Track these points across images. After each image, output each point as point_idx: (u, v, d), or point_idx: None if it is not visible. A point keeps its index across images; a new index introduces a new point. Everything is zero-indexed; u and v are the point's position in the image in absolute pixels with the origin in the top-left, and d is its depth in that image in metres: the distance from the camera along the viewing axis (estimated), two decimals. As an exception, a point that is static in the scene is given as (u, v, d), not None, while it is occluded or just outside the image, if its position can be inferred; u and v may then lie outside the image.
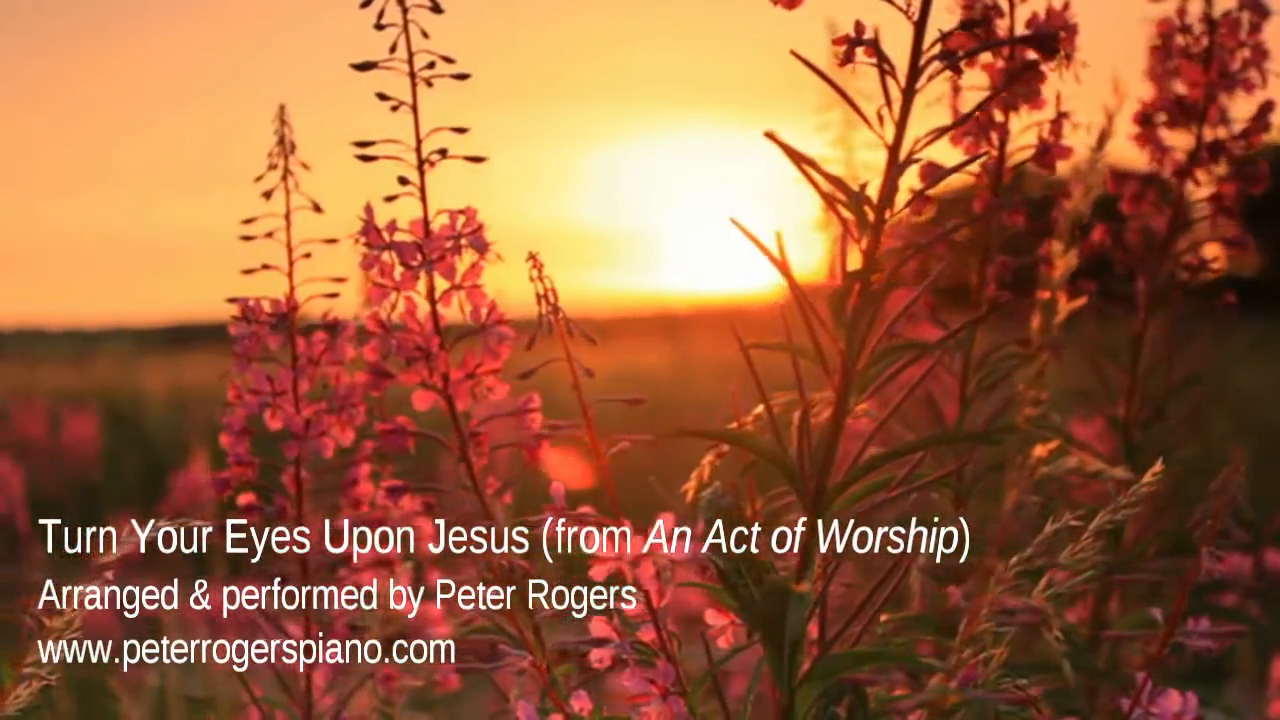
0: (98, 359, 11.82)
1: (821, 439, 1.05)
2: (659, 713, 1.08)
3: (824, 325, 1.03)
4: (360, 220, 1.39)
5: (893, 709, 1.06)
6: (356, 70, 1.40)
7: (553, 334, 1.07)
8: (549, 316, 1.07)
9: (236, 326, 1.48)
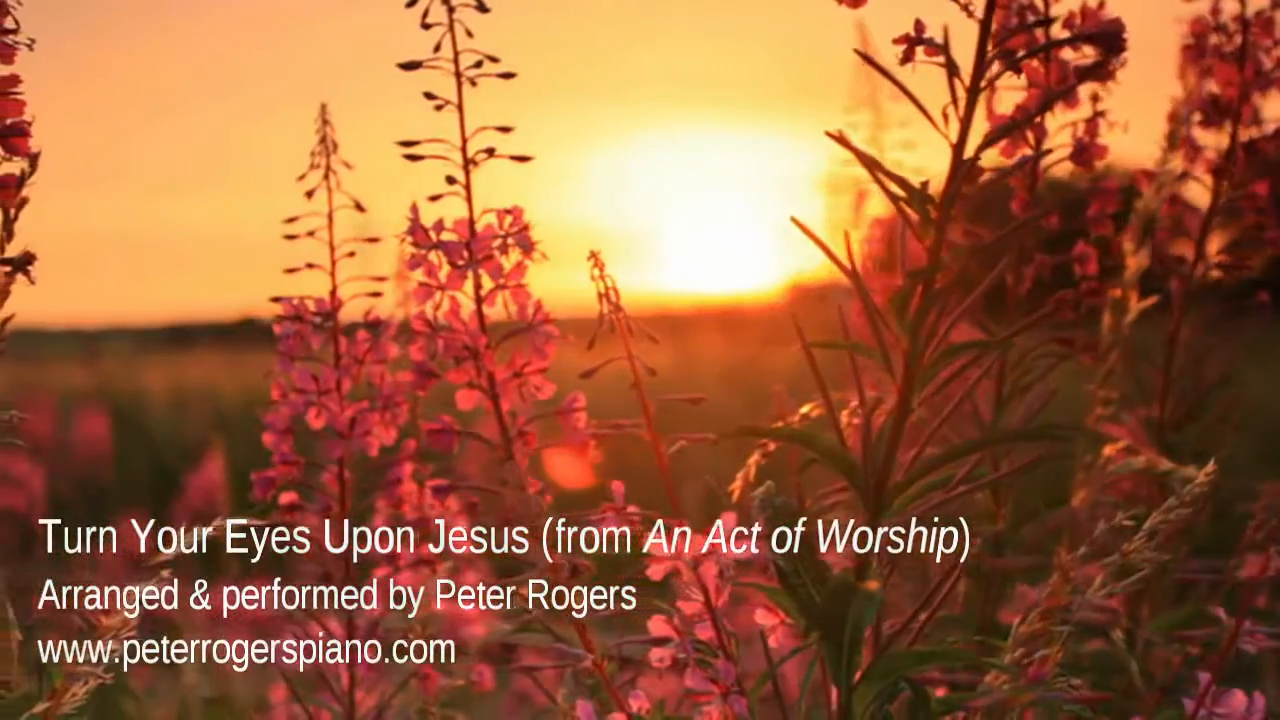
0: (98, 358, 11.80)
1: (882, 438, 1.06)
2: (720, 712, 1.08)
3: (888, 324, 1.03)
4: (406, 220, 1.40)
5: (964, 707, 1.07)
6: (402, 69, 1.40)
7: (615, 332, 1.07)
8: (611, 315, 1.07)
9: (281, 325, 1.48)
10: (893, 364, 1.05)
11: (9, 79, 1.20)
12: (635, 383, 1.08)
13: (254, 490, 1.49)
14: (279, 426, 1.49)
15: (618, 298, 1.07)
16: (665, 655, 1.10)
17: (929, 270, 1.02)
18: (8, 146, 1.20)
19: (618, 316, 1.07)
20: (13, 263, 1.22)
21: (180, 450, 7.79)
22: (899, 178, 1.04)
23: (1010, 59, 1.04)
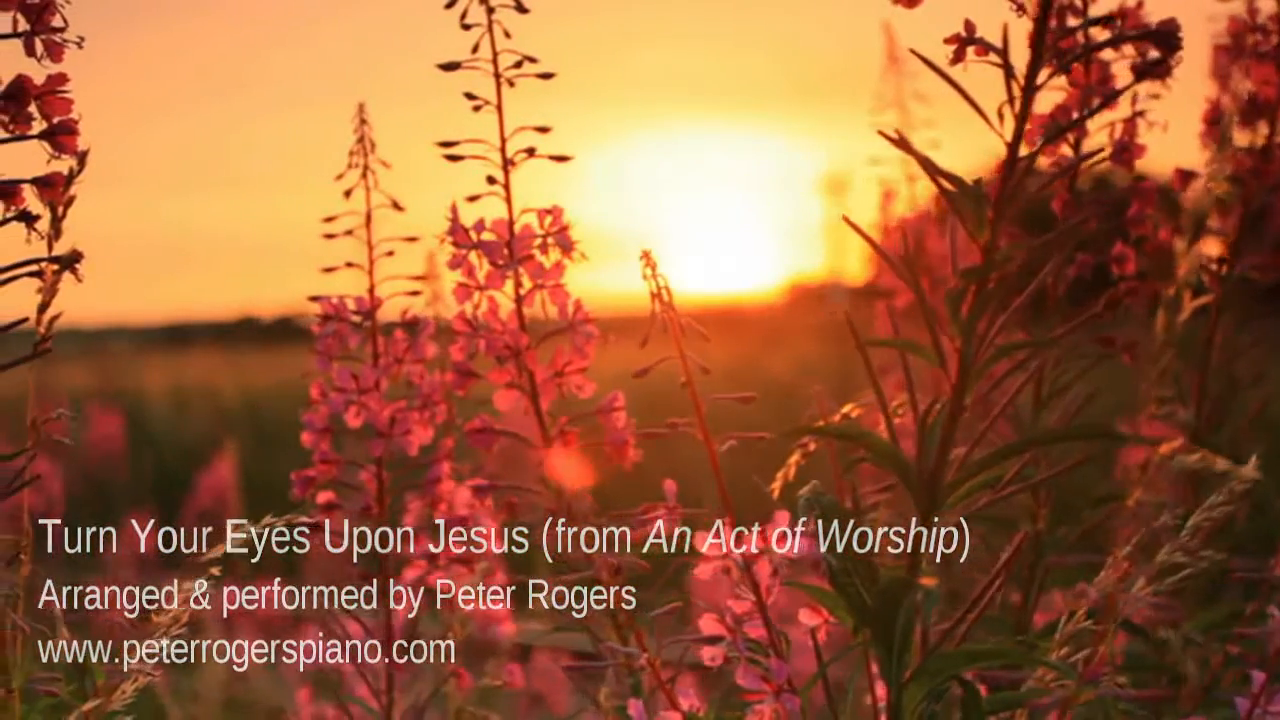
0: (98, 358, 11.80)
1: (935, 437, 1.06)
2: (773, 711, 1.08)
3: (942, 323, 1.03)
4: (446, 220, 1.40)
5: (1020, 706, 1.07)
6: (442, 70, 1.40)
7: (667, 331, 1.07)
8: (663, 314, 1.07)
9: (320, 324, 1.47)
10: (946, 363, 1.05)
11: (57, 77, 1.20)
12: (687, 381, 1.08)
13: (294, 489, 1.49)
14: (318, 425, 1.49)
15: (670, 297, 1.07)
16: (716, 653, 1.10)
17: (983, 270, 1.02)
18: (56, 145, 1.20)
19: (670, 315, 1.07)
20: (60, 261, 1.22)
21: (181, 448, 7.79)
22: (954, 177, 1.04)
23: (1063, 59, 1.04)
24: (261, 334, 19.54)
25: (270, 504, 4.36)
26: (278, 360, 15.12)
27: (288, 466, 4.87)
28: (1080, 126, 1.38)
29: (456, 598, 1.58)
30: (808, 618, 1.21)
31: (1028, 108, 1.01)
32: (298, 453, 5.10)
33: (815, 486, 1.19)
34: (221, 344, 14.85)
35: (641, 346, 1.09)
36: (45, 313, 1.24)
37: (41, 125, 1.20)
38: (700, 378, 1.41)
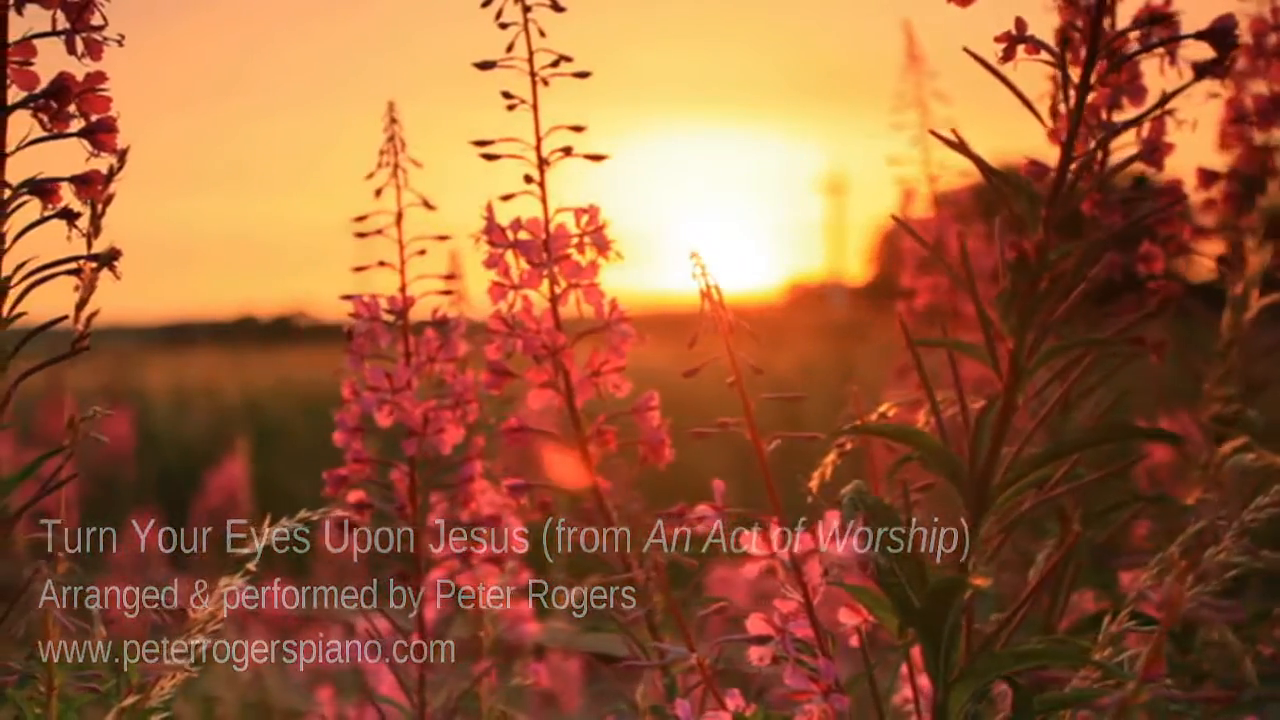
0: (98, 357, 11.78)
1: (985, 437, 1.05)
2: (821, 710, 1.08)
3: (995, 323, 1.03)
4: (482, 219, 1.39)
5: (1089, 706, 1.06)
6: (478, 69, 1.40)
7: (717, 330, 1.07)
8: (713, 313, 1.06)
9: (354, 323, 1.47)
10: (999, 362, 1.04)
11: (95, 75, 1.19)
12: (736, 380, 1.07)
13: (326, 488, 1.49)
14: (350, 424, 1.48)
15: (720, 296, 1.07)
16: (764, 653, 1.10)
17: (1036, 269, 1.02)
18: (96, 143, 1.20)
19: (721, 315, 1.06)
20: (99, 258, 1.21)
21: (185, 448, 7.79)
22: (1006, 175, 1.03)
23: (1114, 58, 1.04)
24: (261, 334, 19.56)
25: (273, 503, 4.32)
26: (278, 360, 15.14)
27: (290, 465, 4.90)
28: (1137, 125, 1.36)
29: (485, 598, 1.57)
30: (848, 617, 1.20)
31: (1081, 107, 1.01)
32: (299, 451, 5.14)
33: (859, 486, 1.19)
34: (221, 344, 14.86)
35: (690, 346, 1.08)
36: (83, 310, 1.23)
37: (80, 123, 1.20)
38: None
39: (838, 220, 24.86)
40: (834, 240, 24.75)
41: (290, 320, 23.78)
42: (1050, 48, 1.02)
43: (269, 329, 20.84)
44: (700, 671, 1.10)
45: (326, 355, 17.25)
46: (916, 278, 2.21)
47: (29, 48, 1.19)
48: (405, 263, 1.52)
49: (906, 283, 2.22)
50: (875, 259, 24.51)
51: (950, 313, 2.18)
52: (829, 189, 25.07)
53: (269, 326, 20.98)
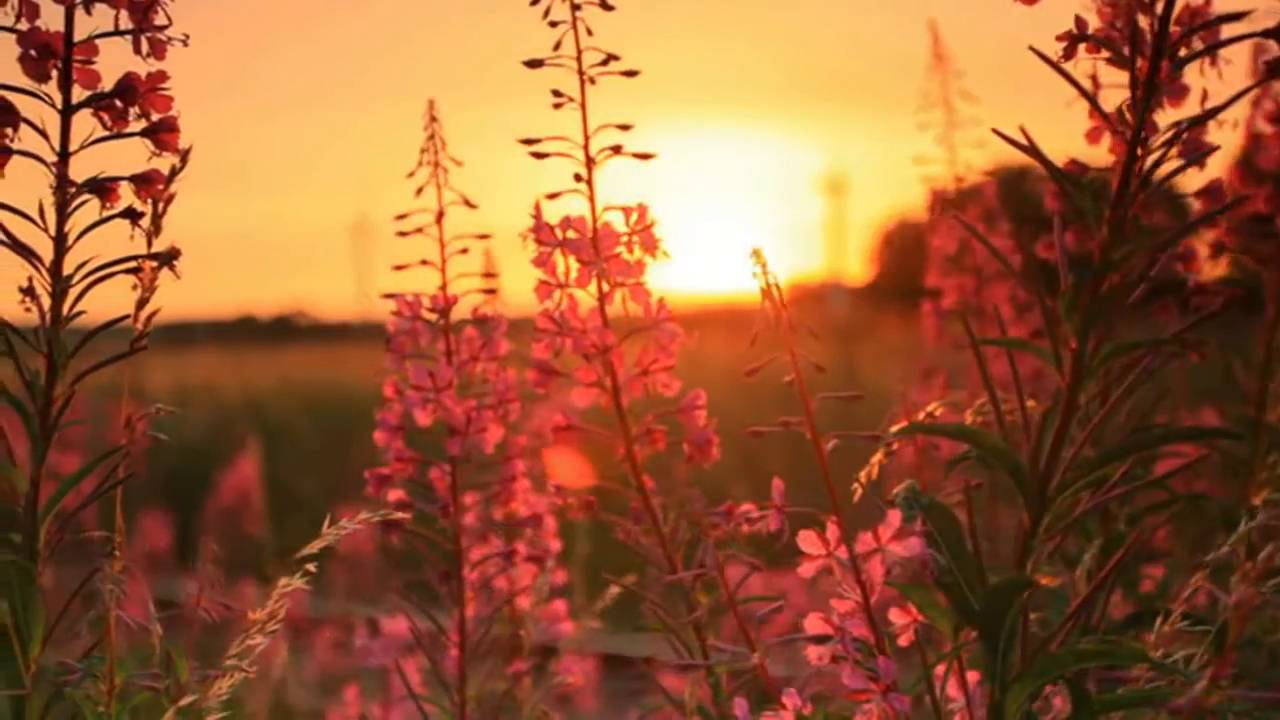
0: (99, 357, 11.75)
1: (1048, 436, 1.06)
2: (881, 710, 1.08)
3: (1058, 322, 1.03)
4: (530, 217, 1.39)
5: (1158, 706, 1.07)
6: (527, 67, 1.40)
7: (778, 329, 1.07)
8: (773, 312, 1.06)
9: (396, 322, 1.47)
10: (1062, 361, 1.05)
11: (158, 75, 1.19)
12: (796, 379, 1.07)
13: (368, 487, 1.49)
14: (391, 423, 1.48)
15: (782, 295, 1.07)
16: (823, 653, 1.10)
17: (1101, 268, 1.02)
18: (158, 142, 1.20)
19: (782, 313, 1.06)
20: (159, 257, 1.22)
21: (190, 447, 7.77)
22: (1070, 175, 1.04)
23: (1177, 58, 1.04)
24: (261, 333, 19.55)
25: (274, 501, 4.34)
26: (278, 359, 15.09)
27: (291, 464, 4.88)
28: (1202, 124, 1.36)
29: (525, 597, 1.58)
30: (898, 617, 1.21)
31: (1149, 107, 1.01)
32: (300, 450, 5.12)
33: (912, 485, 1.19)
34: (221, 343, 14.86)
35: (750, 345, 1.08)
36: (143, 309, 1.23)
37: (140, 122, 1.20)
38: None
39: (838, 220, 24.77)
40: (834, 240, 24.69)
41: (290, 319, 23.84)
42: (1114, 46, 1.03)
43: (269, 328, 20.89)
44: (761, 672, 1.10)
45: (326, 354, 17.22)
46: (943, 277, 2.22)
47: (91, 47, 1.19)
48: (446, 261, 1.52)
49: (932, 282, 2.23)
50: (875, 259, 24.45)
51: (977, 312, 2.19)
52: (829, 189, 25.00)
53: (269, 326, 21.01)
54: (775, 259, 1.31)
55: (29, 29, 1.16)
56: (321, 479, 7.64)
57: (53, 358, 1.23)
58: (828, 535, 1.08)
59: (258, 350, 15.62)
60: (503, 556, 1.51)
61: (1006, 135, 1.04)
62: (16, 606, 1.19)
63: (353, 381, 12.61)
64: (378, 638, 2.26)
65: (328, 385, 12.25)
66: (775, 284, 1.07)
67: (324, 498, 7.05)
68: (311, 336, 19.61)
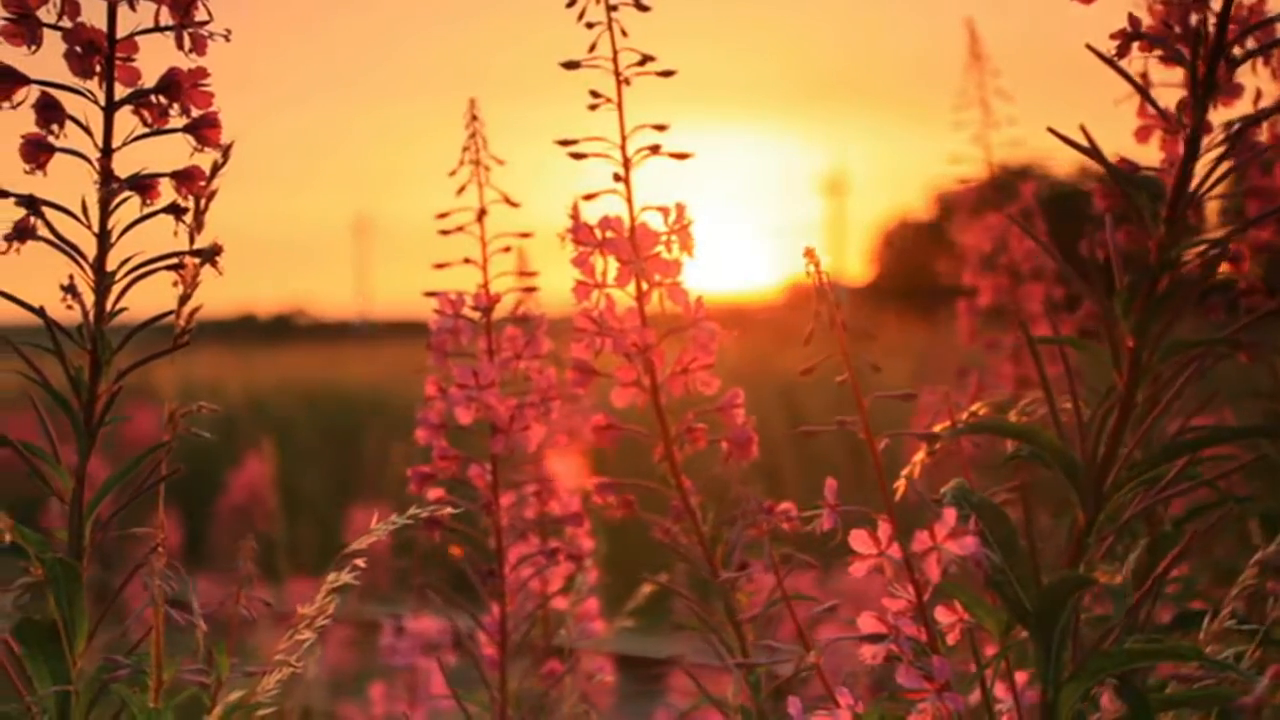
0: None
1: (1104, 436, 1.05)
2: (935, 709, 1.08)
3: (1118, 323, 1.03)
4: (569, 217, 1.39)
5: (1216, 706, 1.06)
6: (564, 68, 1.40)
7: (832, 329, 1.07)
8: (825, 311, 1.06)
9: (439, 320, 1.47)
10: (1120, 360, 1.04)
11: (198, 71, 1.19)
12: (850, 378, 1.07)
13: (410, 485, 1.48)
14: (433, 421, 1.48)
15: (834, 294, 1.06)
16: (877, 652, 1.10)
17: (1159, 268, 1.02)
18: (200, 138, 1.20)
19: (836, 313, 1.06)
20: (202, 254, 1.21)
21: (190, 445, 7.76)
22: (1129, 175, 1.03)
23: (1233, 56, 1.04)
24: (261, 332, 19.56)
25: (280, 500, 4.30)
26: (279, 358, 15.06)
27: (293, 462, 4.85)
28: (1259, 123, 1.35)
29: (561, 596, 1.57)
30: (944, 616, 1.20)
31: (1205, 106, 1.01)
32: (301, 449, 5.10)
33: (961, 483, 1.19)
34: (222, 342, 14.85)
35: (805, 344, 1.08)
36: (186, 305, 1.23)
37: (181, 119, 1.20)
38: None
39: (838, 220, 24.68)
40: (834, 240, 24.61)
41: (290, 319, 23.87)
42: (1168, 44, 1.03)
43: (269, 327, 20.91)
44: (817, 673, 1.09)
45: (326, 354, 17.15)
46: (978, 276, 2.21)
47: (131, 44, 1.19)
48: (488, 260, 1.52)
49: (968, 281, 2.22)
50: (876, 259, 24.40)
51: (1012, 311, 2.18)
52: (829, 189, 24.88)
53: (269, 325, 21.03)
54: (775, 259, 1.32)
55: (75, 25, 1.16)
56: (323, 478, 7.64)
57: (96, 354, 1.22)
58: (879, 534, 1.07)
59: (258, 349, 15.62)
60: (545, 555, 1.50)
61: (1064, 136, 1.03)
62: (62, 603, 1.19)
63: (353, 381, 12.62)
64: (403, 637, 2.26)
65: (328, 384, 12.26)
66: (828, 283, 1.07)
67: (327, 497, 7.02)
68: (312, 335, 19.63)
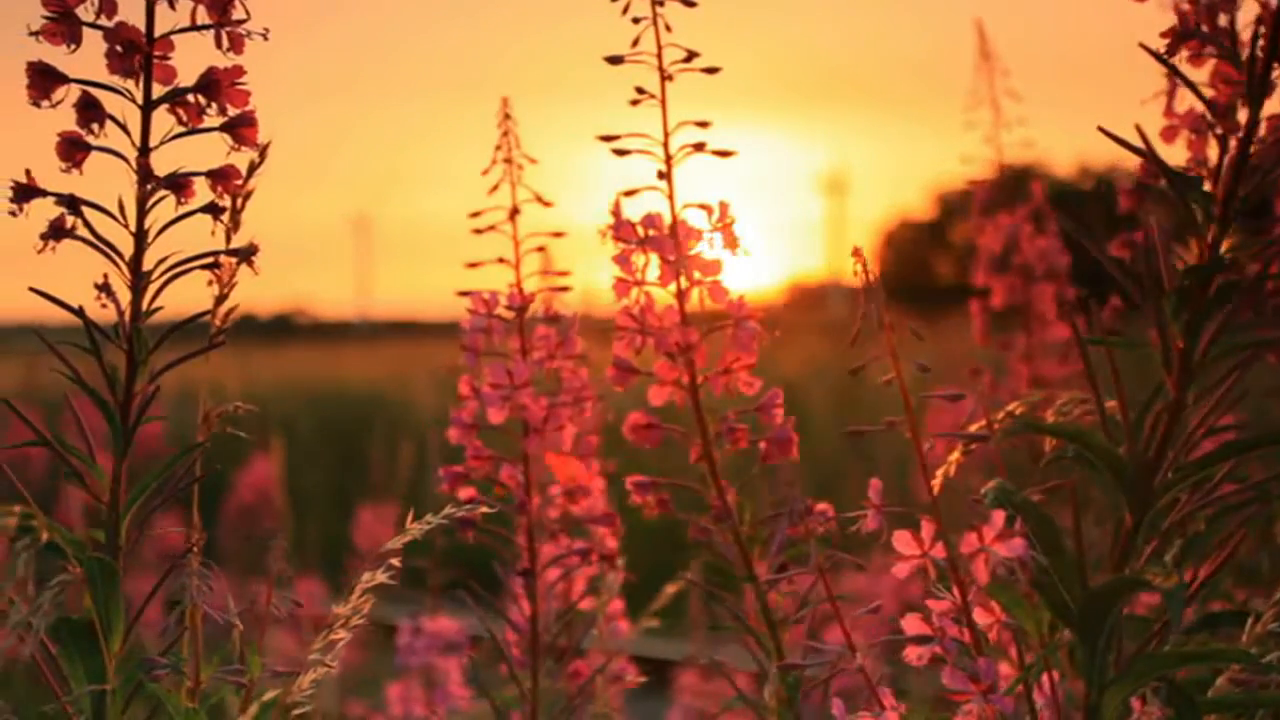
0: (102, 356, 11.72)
1: (1154, 437, 1.05)
2: (980, 711, 1.07)
3: (1170, 324, 1.02)
4: (610, 215, 1.38)
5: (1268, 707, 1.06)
6: (609, 63, 1.39)
7: (881, 329, 1.06)
8: (873, 310, 1.05)
9: (472, 319, 1.46)
10: (1170, 361, 1.04)
11: (235, 69, 1.18)
12: (896, 378, 1.06)
13: (443, 484, 1.48)
14: (466, 421, 1.47)
15: (882, 294, 1.06)
16: (923, 653, 1.09)
17: (1210, 268, 1.01)
18: (238, 137, 1.19)
19: (882, 311, 1.05)
20: (238, 253, 1.21)
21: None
22: (1178, 174, 1.03)
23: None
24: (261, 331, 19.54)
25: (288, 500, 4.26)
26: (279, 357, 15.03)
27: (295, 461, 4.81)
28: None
29: (592, 596, 1.57)
30: (982, 618, 1.20)
31: (1260, 104, 1.00)
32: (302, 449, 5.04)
33: (1001, 484, 1.18)
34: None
35: (850, 345, 1.07)
36: (222, 305, 1.22)
37: (217, 118, 1.19)
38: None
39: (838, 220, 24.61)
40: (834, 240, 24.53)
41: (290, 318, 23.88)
42: (1221, 43, 1.02)
43: (269, 326, 20.91)
44: (862, 674, 1.09)
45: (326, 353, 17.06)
46: (991, 276, 2.20)
47: (168, 43, 1.18)
48: (520, 259, 1.51)
49: (980, 281, 2.21)
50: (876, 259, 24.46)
51: (1025, 311, 2.18)
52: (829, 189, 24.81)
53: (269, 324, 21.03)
54: (776, 259, 1.32)
55: (117, 25, 1.15)
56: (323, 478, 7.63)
57: (133, 353, 1.22)
58: (921, 536, 1.07)
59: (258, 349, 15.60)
60: (579, 555, 1.49)
61: (1116, 136, 1.03)
62: (99, 602, 1.18)
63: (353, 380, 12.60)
64: (420, 636, 2.26)
65: (328, 384, 12.25)
66: (875, 282, 1.06)
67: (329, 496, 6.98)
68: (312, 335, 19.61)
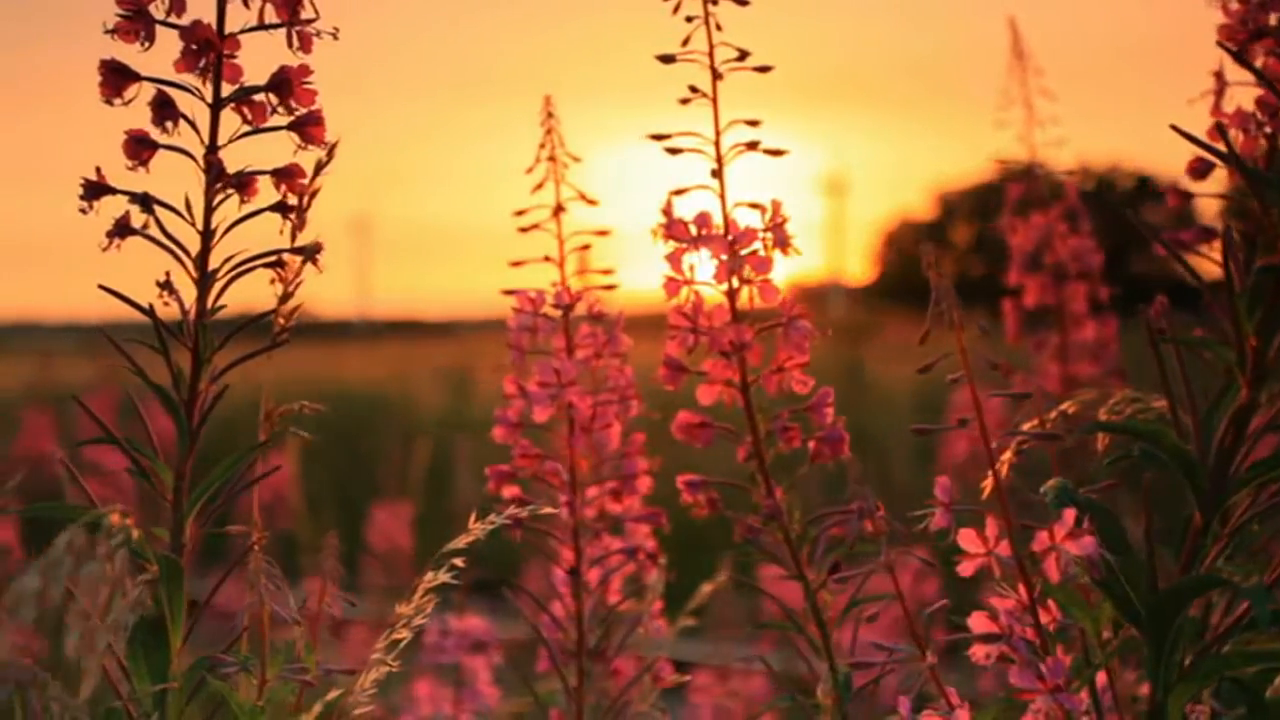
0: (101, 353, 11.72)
1: (1226, 437, 1.05)
2: (1048, 709, 1.08)
3: (1243, 323, 1.03)
4: (661, 214, 1.38)
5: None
6: (660, 62, 1.39)
7: (951, 327, 1.06)
8: (943, 308, 1.06)
9: (517, 318, 1.46)
10: (1244, 360, 1.04)
11: (303, 68, 1.19)
12: (965, 375, 1.07)
13: (489, 484, 1.48)
14: (511, 420, 1.47)
15: (952, 293, 1.06)
16: (990, 651, 1.10)
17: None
18: (304, 136, 1.19)
19: (954, 310, 1.06)
20: (303, 251, 1.21)
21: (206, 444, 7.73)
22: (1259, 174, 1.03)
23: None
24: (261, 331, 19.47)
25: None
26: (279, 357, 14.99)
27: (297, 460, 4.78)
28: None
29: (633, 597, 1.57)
30: (1040, 617, 1.20)
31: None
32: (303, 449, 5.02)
33: (1063, 482, 1.18)
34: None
35: (920, 343, 1.08)
36: (286, 303, 1.22)
37: (282, 116, 1.19)
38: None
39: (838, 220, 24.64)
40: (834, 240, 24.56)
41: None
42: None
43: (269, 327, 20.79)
44: (928, 672, 1.09)
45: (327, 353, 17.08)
46: (1024, 275, 2.21)
47: (235, 41, 1.18)
48: (565, 258, 1.51)
49: (1014, 280, 2.22)
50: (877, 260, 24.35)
51: (1057, 310, 2.18)
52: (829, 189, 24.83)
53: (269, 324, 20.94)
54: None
55: (193, 23, 1.16)
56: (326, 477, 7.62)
57: (198, 352, 1.22)
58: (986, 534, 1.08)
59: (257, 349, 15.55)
60: (626, 554, 1.50)
61: (1192, 136, 1.03)
62: (163, 600, 1.19)
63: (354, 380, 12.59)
64: (449, 635, 2.26)
65: (329, 384, 12.23)
66: (945, 283, 1.07)
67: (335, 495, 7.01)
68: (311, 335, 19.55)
